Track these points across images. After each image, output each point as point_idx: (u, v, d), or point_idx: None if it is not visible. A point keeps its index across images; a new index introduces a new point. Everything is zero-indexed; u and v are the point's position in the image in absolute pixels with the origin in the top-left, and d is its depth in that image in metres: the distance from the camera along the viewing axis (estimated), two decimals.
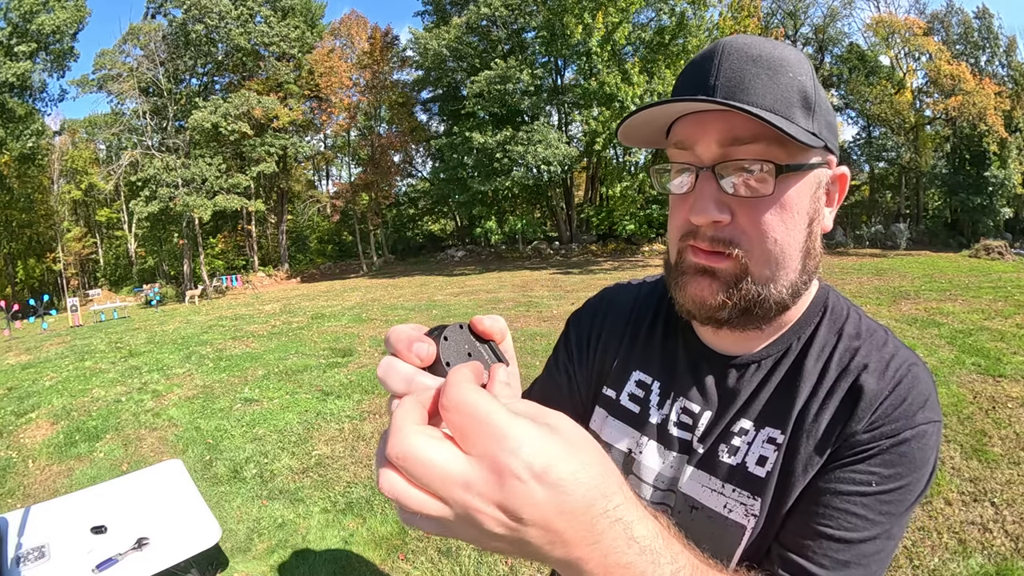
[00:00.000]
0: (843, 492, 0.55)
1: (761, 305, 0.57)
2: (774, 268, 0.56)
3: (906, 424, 0.55)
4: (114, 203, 29.59)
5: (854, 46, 24.85)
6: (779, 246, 0.55)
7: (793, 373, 0.62)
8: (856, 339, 0.62)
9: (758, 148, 0.53)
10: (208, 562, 2.69)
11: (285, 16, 23.94)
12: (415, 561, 2.75)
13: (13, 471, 4.21)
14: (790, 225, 0.56)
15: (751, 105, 0.52)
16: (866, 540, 0.54)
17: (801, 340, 0.64)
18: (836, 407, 0.58)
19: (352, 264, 26.88)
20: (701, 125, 0.55)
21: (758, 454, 0.61)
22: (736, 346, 0.65)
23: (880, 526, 0.54)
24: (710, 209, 0.54)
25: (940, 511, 2.81)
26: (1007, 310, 7.00)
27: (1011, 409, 3.91)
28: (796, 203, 0.56)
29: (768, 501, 0.59)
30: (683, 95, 0.56)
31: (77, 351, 9.13)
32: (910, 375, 0.57)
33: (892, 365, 0.58)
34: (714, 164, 0.55)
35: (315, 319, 10.40)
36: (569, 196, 25.03)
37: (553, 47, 19.95)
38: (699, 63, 0.57)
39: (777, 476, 0.59)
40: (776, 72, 0.54)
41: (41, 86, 21.29)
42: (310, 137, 27.06)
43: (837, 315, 0.64)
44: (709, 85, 0.54)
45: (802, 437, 0.58)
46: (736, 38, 0.57)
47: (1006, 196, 21.35)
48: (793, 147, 0.54)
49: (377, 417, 4.72)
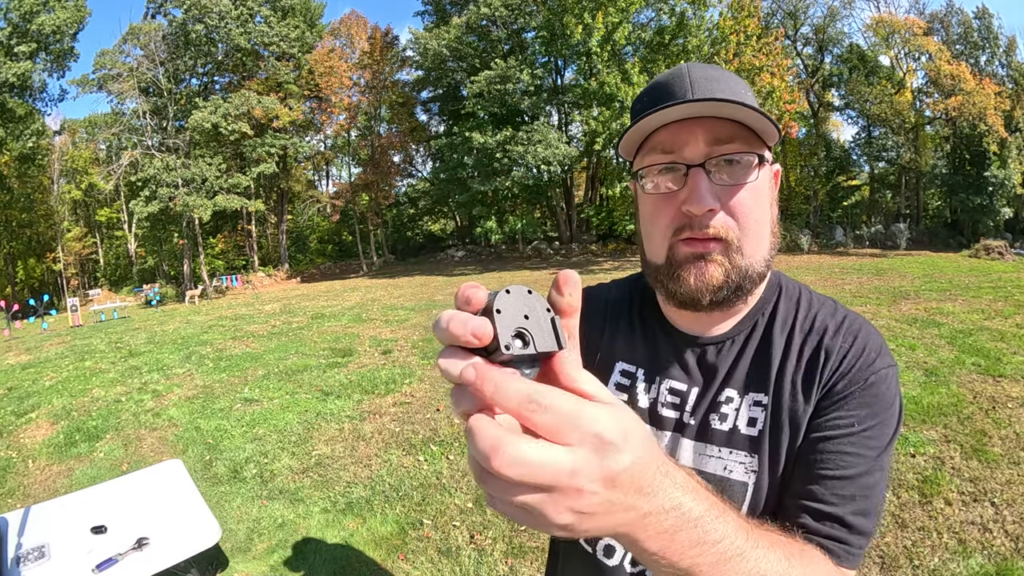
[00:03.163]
0: (833, 437, 0.63)
1: (749, 278, 0.66)
2: (755, 244, 0.65)
3: (870, 371, 0.64)
4: (114, 203, 29.60)
5: (854, 46, 24.86)
6: (759, 224, 0.65)
7: (765, 344, 0.71)
8: (811, 308, 0.72)
9: (737, 145, 0.63)
10: (208, 562, 2.69)
11: (285, 16, 23.93)
12: (415, 561, 2.75)
13: (13, 471, 4.21)
14: (763, 206, 0.66)
15: (734, 105, 0.60)
16: (863, 474, 0.61)
17: (765, 316, 0.73)
18: (807, 364, 0.67)
19: (352, 264, 26.88)
20: (686, 130, 0.63)
21: (747, 416, 0.68)
22: (709, 328, 0.73)
23: (870, 460, 0.62)
24: (707, 199, 0.62)
25: (940, 511, 2.81)
26: (1007, 310, 7.00)
27: (1011, 409, 3.91)
28: (765, 188, 0.67)
29: (765, 456, 0.66)
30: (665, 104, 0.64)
31: (77, 351, 9.13)
32: (863, 331, 0.68)
33: (845, 324, 0.68)
34: (703, 161, 0.63)
35: (315, 319, 10.40)
36: (569, 196, 25.02)
37: (553, 47, 19.96)
38: (668, 81, 0.67)
39: (769, 433, 0.66)
40: (737, 84, 0.67)
41: (41, 86, 21.30)
42: (310, 137, 27.06)
43: (791, 292, 0.75)
44: (690, 95, 0.64)
45: (783, 395, 0.67)
46: (694, 63, 0.69)
47: (1006, 196, 21.35)
48: (759, 143, 0.64)
49: (377, 417, 4.72)
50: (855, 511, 0.60)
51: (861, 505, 0.61)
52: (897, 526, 2.72)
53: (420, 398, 5.10)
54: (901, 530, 2.69)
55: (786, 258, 18.34)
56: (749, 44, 18.50)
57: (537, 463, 0.31)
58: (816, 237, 22.12)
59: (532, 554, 2.73)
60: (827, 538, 0.60)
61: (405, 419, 4.61)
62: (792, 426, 0.65)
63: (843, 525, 0.60)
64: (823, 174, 25.51)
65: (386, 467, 3.78)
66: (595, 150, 19.61)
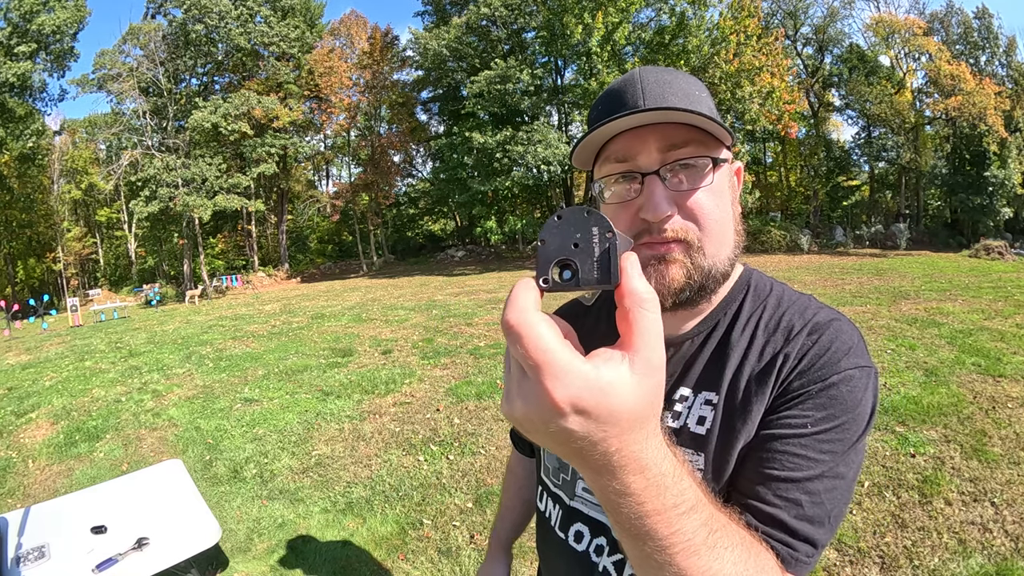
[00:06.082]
0: (782, 436, 0.60)
1: (712, 277, 0.65)
2: (717, 244, 0.65)
3: (832, 370, 0.61)
4: (114, 203, 29.59)
5: (854, 46, 24.87)
6: (719, 224, 0.65)
7: (723, 344, 0.70)
8: (779, 307, 0.70)
9: (691, 149, 0.63)
10: (208, 562, 2.69)
11: (285, 16, 23.93)
12: (415, 561, 2.75)
13: (13, 471, 4.21)
14: (723, 207, 0.66)
15: (682, 112, 0.61)
16: (812, 479, 0.58)
17: (728, 315, 0.72)
18: (765, 364, 0.65)
19: (352, 264, 26.88)
20: (638, 138, 0.64)
21: (697, 415, 0.68)
22: (671, 328, 0.73)
23: (823, 464, 0.58)
24: (663, 206, 0.62)
25: (940, 511, 2.81)
26: (1007, 310, 7.00)
27: (1011, 409, 3.91)
28: (723, 189, 0.67)
29: (711, 455, 0.65)
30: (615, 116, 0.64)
31: (77, 351, 9.13)
32: (831, 328, 0.64)
33: (812, 322, 0.66)
34: (659, 168, 0.63)
35: (315, 319, 10.40)
36: (569, 196, 25.02)
37: (553, 47, 19.96)
38: (621, 89, 0.67)
39: (717, 432, 0.65)
40: (690, 87, 0.66)
41: (41, 86, 21.29)
42: (310, 137, 27.05)
43: (760, 291, 0.73)
44: (641, 103, 0.64)
45: (736, 394, 0.65)
46: (646, 67, 0.68)
47: (1006, 196, 21.35)
48: (715, 144, 0.65)
49: (377, 417, 4.72)
50: (799, 516, 0.57)
51: (809, 512, 0.57)
52: (897, 526, 2.72)
53: (420, 398, 5.10)
54: (901, 530, 2.69)
55: (786, 258, 18.35)
56: (749, 44, 18.50)
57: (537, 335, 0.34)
58: (816, 237, 22.12)
59: (532, 554, 2.73)
60: (769, 539, 0.56)
61: (405, 419, 4.61)
62: (743, 425, 0.63)
63: (785, 530, 0.57)
64: (823, 174, 25.52)
65: (386, 467, 3.78)
66: None
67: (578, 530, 0.78)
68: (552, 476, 0.83)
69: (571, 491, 0.79)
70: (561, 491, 0.81)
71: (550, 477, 0.84)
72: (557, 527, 0.81)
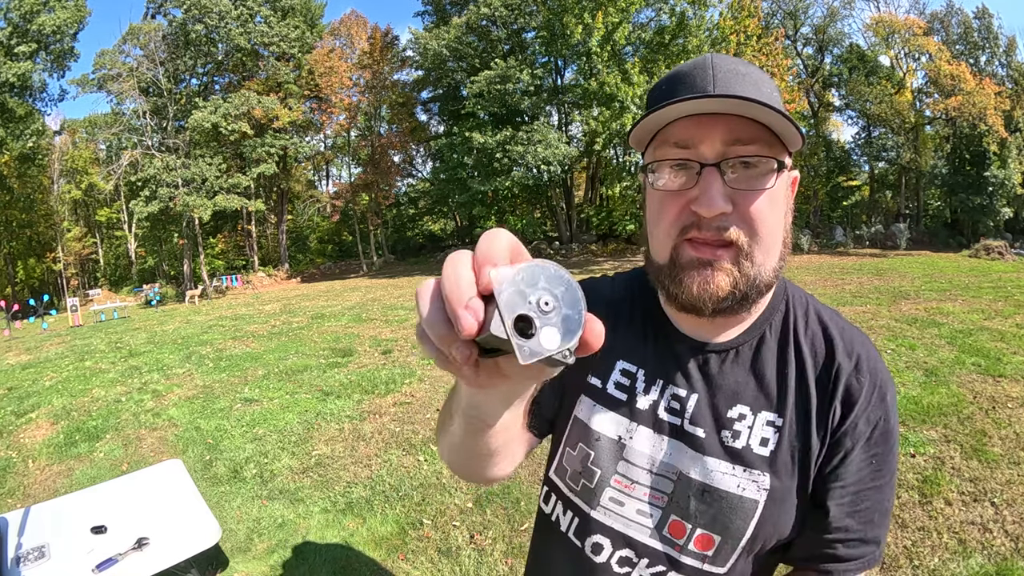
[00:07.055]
0: (863, 469, 0.67)
1: (756, 287, 0.63)
2: (765, 252, 0.62)
3: (885, 408, 0.67)
4: (114, 203, 29.56)
5: (854, 46, 24.84)
6: (772, 232, 0.62)
7: (775, 360, 0.70)
8: (822, 326, 0.71)
9: (757, 147, 0.59)
10: (208, 562, 2.69)
11: (285, 16, 23.92)
12: (415, 561, 2.75)
13: (13, 471, 4.21)
14: (777, 215, 0.63)
15: (758, 105, 0.57)
16: (883, 500, 0.68)
17: (773, 328, 0.71)
18: (818, 390, 0.68)
19: (352, 264, 26.87)
20: (704, 126, 0.59)
21: (760, 436, 0.68)
22: (714, 334, 0.71)
23: (888, 481, 0.68)
24: (718, 201, 0.58)
25: (940, 511, 2.81)
26: (1007, 310, 7.00)
27: (1011, 409, 3.91)
28: (781, 196, 0.64)
29: (778, 477, 0.67)
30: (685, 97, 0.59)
31: (77, 351, 9.13)
32: (872, 359, 0.69)
33: (857, 355, 0.69)
34: (719, 161, 0.59)
35: (315, 319, 10.40)
36: (569, 196, 25.00)
37: (553, 47, 19.95)
38: (690, 72, 0.63)
39: (781, 453, 0.67)
40: (762, 82, 0.62)
41: (41, 86, 21.28)
42: (310, 137, 27.02)
43: (799, 303, 0.73)
44: (711, 89, 0.60)
45: (798, 418, 0.67)
46: (720, 55, 0.64)
47: (1006, 196, 21.33)
48: (780, 147, 0.61)
49: (377, 417, 4.72)
50: (868, 522, 0.68)
51: (881, 520, 0.69)
52: (897, 526, 2.72)
53: (420, 398, 5.10)
54: (901, 530, 2.69)
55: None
56: (749, 44, 18.50)
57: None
58: (816, 237, 22.12)
59: None
60: (859, 558, 0.68)
61: (405, 419, 4.61)
62: (804, 449, 0.67)
63: (871, 543, 0.68)
64: (823, 174, 25.49)
65: (386, 467, 3.78)
66: (595, 150, 19.61)
67: (596, 542, 0.74)
68: (569, 480, 0.77)
69: (592, 499, 0.74)
70: (579, 498, 0.76)
71: (566, 480, 0.78)
72: (572, 534, 0.77)
